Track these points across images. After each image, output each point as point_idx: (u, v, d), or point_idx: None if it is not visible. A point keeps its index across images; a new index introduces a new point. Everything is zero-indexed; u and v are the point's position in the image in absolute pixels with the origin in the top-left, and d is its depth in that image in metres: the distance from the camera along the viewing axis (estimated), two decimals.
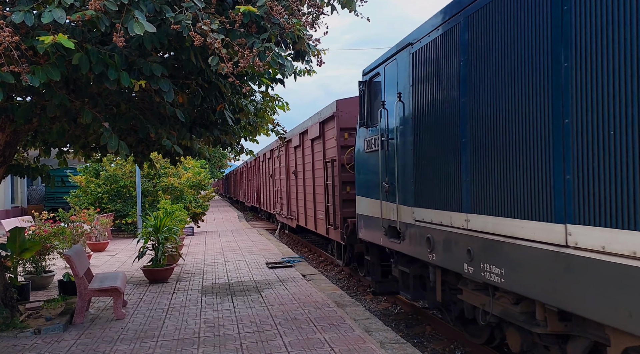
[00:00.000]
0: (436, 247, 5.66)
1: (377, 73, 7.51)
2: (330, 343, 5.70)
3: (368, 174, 7.91)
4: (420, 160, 6.03)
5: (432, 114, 5.75)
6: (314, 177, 12.75)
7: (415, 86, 6.18)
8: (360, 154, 8.39)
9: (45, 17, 3.96)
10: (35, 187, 28.55)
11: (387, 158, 6.99)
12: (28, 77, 4.15)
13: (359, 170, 8.49)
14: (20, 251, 8.12)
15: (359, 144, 8.41)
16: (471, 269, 4.95)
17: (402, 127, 6.50)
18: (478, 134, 4.84)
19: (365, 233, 8.23)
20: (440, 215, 5.54)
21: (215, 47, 4.32)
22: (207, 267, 11.47)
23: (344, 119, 10.49)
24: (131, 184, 18.36)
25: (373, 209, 7.62)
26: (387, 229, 7.06)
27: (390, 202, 6.90)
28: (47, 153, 7.79)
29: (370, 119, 7.75)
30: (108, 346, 5.90)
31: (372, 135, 7.60)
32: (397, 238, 6.71)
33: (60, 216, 12.87)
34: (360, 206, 8.40)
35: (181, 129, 6.69)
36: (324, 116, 11.69)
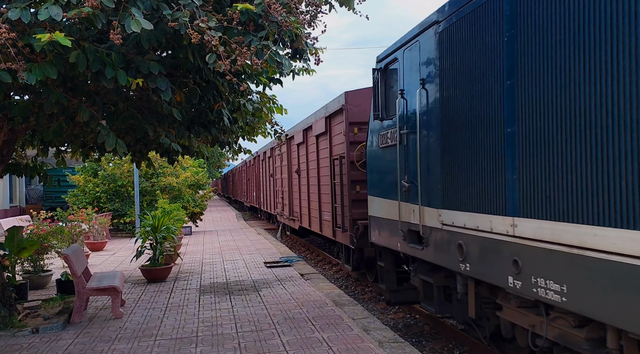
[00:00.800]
0: (470, 256, 4.88)
1: (395, 59, 6.69)
2: (328, 342, 5.69)
3: (383, 172, 7.20)
4: (449, 155, 5.27)
5: (465, 101, 4.95)
6: (319, 176, 11.96)
7: (444, 70, 5.38)
8: (373, 150, 7.64)
9: (42, 14, 3.94)
10: (33, 187, 28.51)
11: (406, 154, 6.24)
12: (25, 75, 4.13)
13: (372, 168, 7.73)
14: (19, 250, 8.10)
15: (372, 139, 7.65)
16: (518, 283, 4.18)
17: (426, 118, 5.73)
18: (531, 122, 4.02)
19: (379, 237, 7.48)
20: (476, 218, 4.76)
21: (212, 45, 4.30)
22: (205, 266, 11.46)
23: (353, 112, 9.64)
24: (129, 183, 18.34)
25: (389, 210, 6.89)
26: (406, 234, 6.32)
27: (410, 204, 6.13)
28: (45, 152, 7.77)
29: (385, 110, 6.98)
30: (106, 345, 5.89)
31: (387, 128, 6.86)
32: (419, 244, 5.99)
33: (59, 215, 12.86)
34: (373, 207, 7.67)
35: (179, 127, 6.67)
36: (330, 109, 10.81)
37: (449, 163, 5.29)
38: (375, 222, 7.62)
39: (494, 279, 4.58)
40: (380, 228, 7.37)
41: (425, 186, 5.79)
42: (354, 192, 9.43)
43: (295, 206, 15.17)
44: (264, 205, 23.62)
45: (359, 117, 9.53)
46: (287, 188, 16.07)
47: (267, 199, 22.21)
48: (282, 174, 17.07)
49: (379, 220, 7.38)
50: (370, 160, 7.82)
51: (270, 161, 20.54)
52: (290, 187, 15.82)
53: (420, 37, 5.99)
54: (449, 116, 5.29)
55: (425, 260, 6.03)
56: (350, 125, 9.60)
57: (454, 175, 5.19)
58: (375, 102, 7.18)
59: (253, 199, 28.20)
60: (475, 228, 4.80)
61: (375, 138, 7.49)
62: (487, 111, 4.62)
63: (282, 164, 17.16)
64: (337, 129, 10.29)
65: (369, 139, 7.82)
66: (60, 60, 4.52)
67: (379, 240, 7.49)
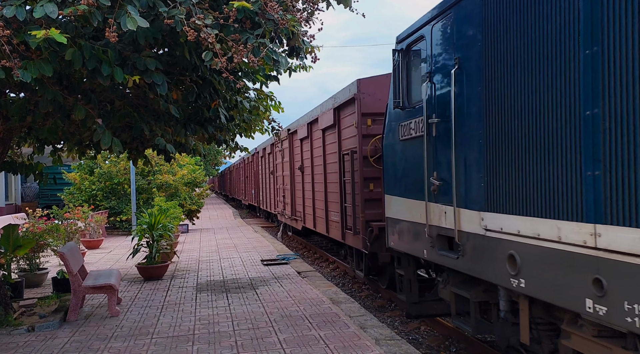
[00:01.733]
0: (526, 271, 4.02)
1: (420, 37, 5.84)
2: (325, 340, 5.69)
3: (404, 169, 6.37)
4: (495, 147, 4.41)
5: (520, 79, 4.09)
6: (325, 173, 11.02)
7: (489, 44, 4.51)
8: (391, 143, 6.75)
9: (37, 11, 3.93)
10: (29, 185, 28.41)
11: (436, 146, 5.40)
12: (20, 73, 4.12)
13: (390, 163, 6.85)
14: (14, 248, 8.07)
15: (390, 131, 6.78)
16: (601, 309, 3.35)
17: (464, 104, 4.88)
18: (622, 101, 3.17)
19: (399, 242, 6.64)
20: (537, 224, 3.88)
21: (209, 43, 4.29)
22: (202, 264, 11.45)
23: (366, 102, 8.64)
24: (125, 181, 18.31)
25: (412, 212, 6.06)
26: (434, 239, 5.51)
27: (440, 204, 5.32)
28: (41, 150, 7.75)
29: (407, 97, 6.19)
30: (102, 343, 5.88)
31: (410, 118, 6.03)
32: (452, 252, 5.19)
33: (54, 213, 12.83)
34: (391, 208, 6.81)
35: (176, 125, 6.66)
36: (340, 100, 9.78)
37: (495, 157, 4.43)
38: (394, 225, 6.76)
39: (564, 302, 3.69)
40: (401, 232, 6.52)
41: (461, 184, 4.94)
42: (367, 191, 8.58)
43: (298, 205, 14.21)
44: (263, 204, 22.70)
45: (373, 108, 8.60)
46: (290, 186, 15.12)
47: (266, 198, 21.23)
48: (284, 171, 16.16)
49: (399, 223, 6.56)
50: (388, 154, 6.94)
51: (270, 158, 19.54)
52: (292, 185, 14.92)
53: (455, 8, 5.11)
54: (496, 99, 4.41)
55: (458, 271, 5.18)
56: (363, 116, 8.66)
57: (502, 171, 4.33)
58: (395, 88, 6.36)
59: (251, 198, 27.27)
60: (534, 236, 3.92)
61: (394, 130, 6.61)
62: (553, 90, 3.76)
63: (283, 160, 16.29)
64: (348, 121, 9.38)
65: (387, 131, 6.96)
66: (55, 57, 4.51)
67: (399, 245, 6.66)
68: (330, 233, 10.93)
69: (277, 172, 17.61)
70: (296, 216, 14.52)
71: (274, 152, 18.40)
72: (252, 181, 26.44)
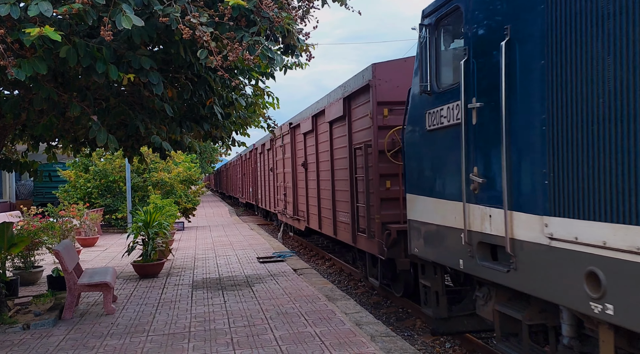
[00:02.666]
0: (616, 293, 3.18)
1: (455, 8, 5.04)
2: (321, 337, 5.71)
3: (433, 163, 5.56)
4: (567, 132, 3.55)
5: (605, 46, 3.25)
6: (333, 170, 10.10)
7: (557, 6, 3.65)
8: (416, 134, 5.97)
9: (32, 10, 3.92)
10: (23, 182, 28.31)
11: (477, 136, 4.58)
12: (14, 71, 4.11)
13: (414, 157, 6.06)
14: (9, 246, 8.05)
15: (414, 120, 5.98)
16: None
17: (518, 82, 4.09)
18: None
19: (425, 249, 5.78)
20: (635, 234, 3.04)
21: (204, 41, 4.30)
22: (198, 262, 11.45)
23: (383, 89, 7.74)
24: (121, 179, 18.27)
25: (444, 214, 5.25)
26: (474, 248, 4.68)
27: (484, 206, 4.51)
28: (36, 148, 7.73)
29: (438, 80, 5.39)
30: (98, 341, 5.88)
31: (441, 104, 5.23)
32: (500, 264, 4.40)
33: (49, 211, 12.79)
34: (415, 209, 5.99)
35: (171, 123, 6.66)
36: (351, 88, 8.85)
37: (566, 146, 3.58)
38: (418, 228, 5.92)
39: None
40: (429, 237, 5.67)
41: (514, 181, 4.12)
42: (384, 189, 7.69)
43: (301, 204, 13.27)
44: (261, 202, 21.66)
45: (390, 96, 7.73)
46: (292, 184, 14.18)
47: (265, 196, 20.28)
48: (285, 167, 15.22)
49: (426, 226, 5.70)
50: (411, 147, 6.15)
51: (269, 154, 18.48)
52: (294, 183, 13.99)
53: None
54: (569, 73, 3.55)
55: (510, 287, 4.29)
56: (379, 105, 7.76)
57: (578, 164, 3.49)
58: (421, 70, 5.56)
59: (249, 196, 26.23)
60: (630, 250, 3.07)
61: (419, 119, 5.79)
62: None
63: (284, 156, 15.32)
64: (360, 111, 8.49)
65: (409, 120, 6.16)
66: (50, 55, 4.50)
67: (426, 253, 5.79)
68: (339, 235, 9.99)
69: (278, 169, 16.70)
70: (299, 216, 13.67)
71: (273, 148, 17.52)
72: (250, 179, 25.57)
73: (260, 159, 21.35)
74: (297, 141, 13.55)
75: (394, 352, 5.26)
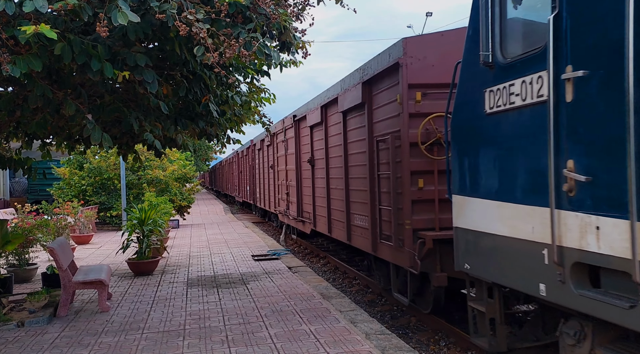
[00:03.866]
0: None
1: None
2: (315, 334, 5.72)
3: (498, 155, 4.43)
4: None
5: None
6: (346, 166, 8.91)
7: None
8: (469, 119, 4.86)
9: (27, 6, 3.90)
10: (17, 180, 28.19)
11: (574, 117, 3.53)
12: (9, 67, 4.09)
13: (466, 149, 4.98)
14: (3, 243, 8.01)
15: (468, 103, 4.88)
16: None
17: None
18: None
19: (483, 266, 4.66)
20: None
21: (200, 37, 4.29)
22: (193, 259, 11.44)
23: (415, 69, 6.54)
24: (116, 176, 18.23)
25: (513, 222, 4.16)
26: (567, 270, 3.59)
27: (585, 214, 3.44)
28: (30, 145, 7.69)
29: (503, 48, 4.33)
30: (92, 338, 5.87)
31: (510, 78, 4.15)
32: (613, 296, 3.29)
33: (44, 208, 12.75)
34: (467, 214, 4.92)
35: (166, 121, 6.64)
36: (372, 70, 7.59)
37: None
38: (472, 239, 4.83)
39: None
40: (488, 251, 4.57)
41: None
42: (415, 190, 6.52)
43: (306, 204, 12.13)
44: (260, 201, 20.49)
45: (424, 77, 6.57)
46: (295, 182, 13.01)
47: (264, 195, 19.03)
48: (288, 164, 14.07)
49: (485, 238, 4.60)
50: (462, 137, 5.06)
51: (269, 150, 17.20)
52: (299, 182, 12.84)
53: None
54: None
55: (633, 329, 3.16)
56: (411, 88, 6.55)
57: None
58: (480, 36, 4.52)
59: (246, 194, 25.05)
60: None
61: (474, 100, 4.73)
62: None
63: (287, 152, 14.05)
64: (384, 96, 7.30)
65: (458, 103, 5.08)
66: (45, 52, 4.48)
67: (483, 271, 4.67)
68: (353, 241, 8.75)
69: (279, 166, 15.48)
70: (304, 218, 12.52)
71: (274, 143, 16.28)
72: (247, 176, 24.32)
73: (259, 155, 20.13)
74: (302, 135, 12.41)
75: (389, 350, 5.27)
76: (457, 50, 5.64)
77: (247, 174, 24.60)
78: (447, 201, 5.72)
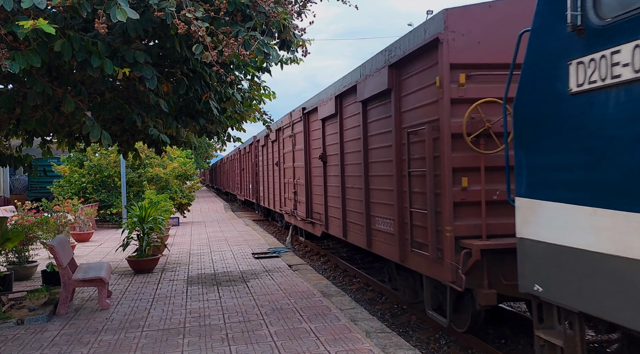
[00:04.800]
0: None
1: None
2: (316, 333, 5.71)
3: (590, 146, 3.46)
4: None
5: None
6: (366, 163, 7.91)
7: None
8: (545, 101, 3.92)
9: (25, 2, 3.88)
10: (18, 177, 28.20)
11: None
12: (8, 63, 4.08)
13: (541, 140, 3.95)
14: (3, 241, 8.01)
15: (539, 80, 3.97)
16: None
17: None
18: None
19: (565, 290, 3.70)
20: None
21: (199, 35, 4.27)
22: (193, 257, 11.43)
23: (458, 47, 5.51)
24: (116, 174, 18.23)
25: (620, 236, 3.20)
26: None
27: None
28: (30, 142, 7.69)
29: (597, 5, 3.42)
30: (92, 336, 5.87)
31: (612, 44, 3.25)
32: None
33: (44, 205, 12.75)
34: (540, 222, 3.94)
35: (167, 118, 6.64)
36: (402, 51, 6.54)
37: None
38: (552, 255, 3.81)
39: None
40: (575, 272, 3.60)
41: None
42: (458, 190, 5.53)
43: (317, 204, 11.14)
44: (264, 200, 19.35)
45: (469, 56, 5.56)
46: (305, 180, 11.95)
47: (269, 194, 17.88)
48: (296, 161, 13.06)
49: (570, 254, 3.63)
50: (535, 124, 4.04)
51: (274, 146, 16.14)
52: (308, 180, 11.81)
53: None
54: None
55: None
56: (454, 69, 5.54)
57: None
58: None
59: (248, 193, 23.89)
60: None
61: (554, 76, 3.81)
62: None
63: (294, 148, 13.09)
64: (418, 80, 6.24)
65: (526, 82, 4.14)
66: (44, 48, 4.46)
67: (565, 296, 3.72)
68: (375, 248, 7.73)
69: (286, 163, 14.41)
70: (314, 219, 11.45)
71: (279, 139, 15.19)
72: (250, 174, 23.20)
73: (263, 152, 18.93)
74: (313, 129, 11.39)
75: (389, 348, 5.26)
76: (507, 23, 5.13)
77: (249, 171, 23.66)
78: (497, 204, 5.27)
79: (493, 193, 5.48)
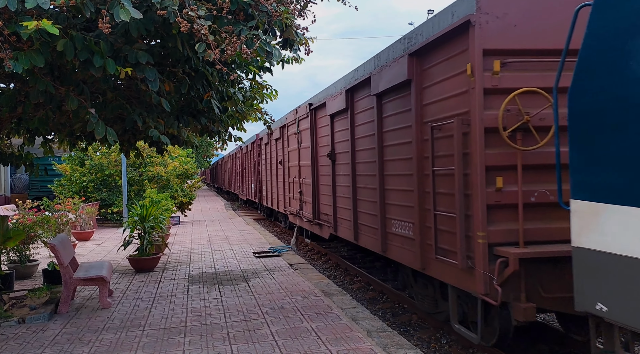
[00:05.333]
0: None
1: None
2: (317, 332, 5.72)
3: None
4: None
5: None
6: (381, 161, 7.35)
7: None
8: (610, 89, 3.47)
9: (29, 2, 3.89)
10: (19, 176, 28.21)
11: None
12: (11, 63, 4.08)
13: (607, 134, 3.49)
14: (4, 240, 8.02)
15: (599, 66, 3.55)
16: None
17: None
18: None
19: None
20: None
21: (202, 34, 4.28)
22: (194, 256, 11.44)
23: (492, 30, 4.91)
24: (117, 173, 18.24)
25: None
26: None
27: None
28: (31, 141, 7.70)
29: None
30: (94, 335, 5.88)
31: None
32: None
33: (45, 204, 12.76)
34: (605, 230, 3.47)
35: (168, 117, 6.64)
36: (424, 37, 6.01)
37: None
38: (623, 270, 3.31)
39: None
40: None
41: None
42: (492, 191, 4.96)
43: (325, 205, 10.59)
44: (267, 200, 18.76)
45: (504, 41, 4.95)
46: (311, 180, 11.34)
47: (272, 193, 17.35)
48: (302, 160, 12.50)
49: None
50: (600, 116, 3.56)
51: (278, 144, 15.60)
52: (315, 179, 11.21)
53: None
54: None
55: None
56: (486, 56, 4.93)
57: None
58: None
59: (251, 192, 23.37)
60: None
61: (620, 59, 3.36)
62: None
63: (300, 146, 12.54)
64: (443, 69, 5.64)
65: (588, 67, 3.66)
66: (47, 48, 4.47)
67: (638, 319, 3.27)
68: (390, 253, 7.20)
69: (291, 161, 13.84)
70: (321, 220, 10.92)
71: (284, 136, 14.59)
72: (252, 173, 22.58)
73: (266, 150, 18.22)
74: (320, 126, 10.81)
75: (390, 347, 5.27)
76: (549, 4, 4.68)
77: (251, 170, 23.04)
78: (535, 206, 4.88)
79: (531, 194, 4.98)
